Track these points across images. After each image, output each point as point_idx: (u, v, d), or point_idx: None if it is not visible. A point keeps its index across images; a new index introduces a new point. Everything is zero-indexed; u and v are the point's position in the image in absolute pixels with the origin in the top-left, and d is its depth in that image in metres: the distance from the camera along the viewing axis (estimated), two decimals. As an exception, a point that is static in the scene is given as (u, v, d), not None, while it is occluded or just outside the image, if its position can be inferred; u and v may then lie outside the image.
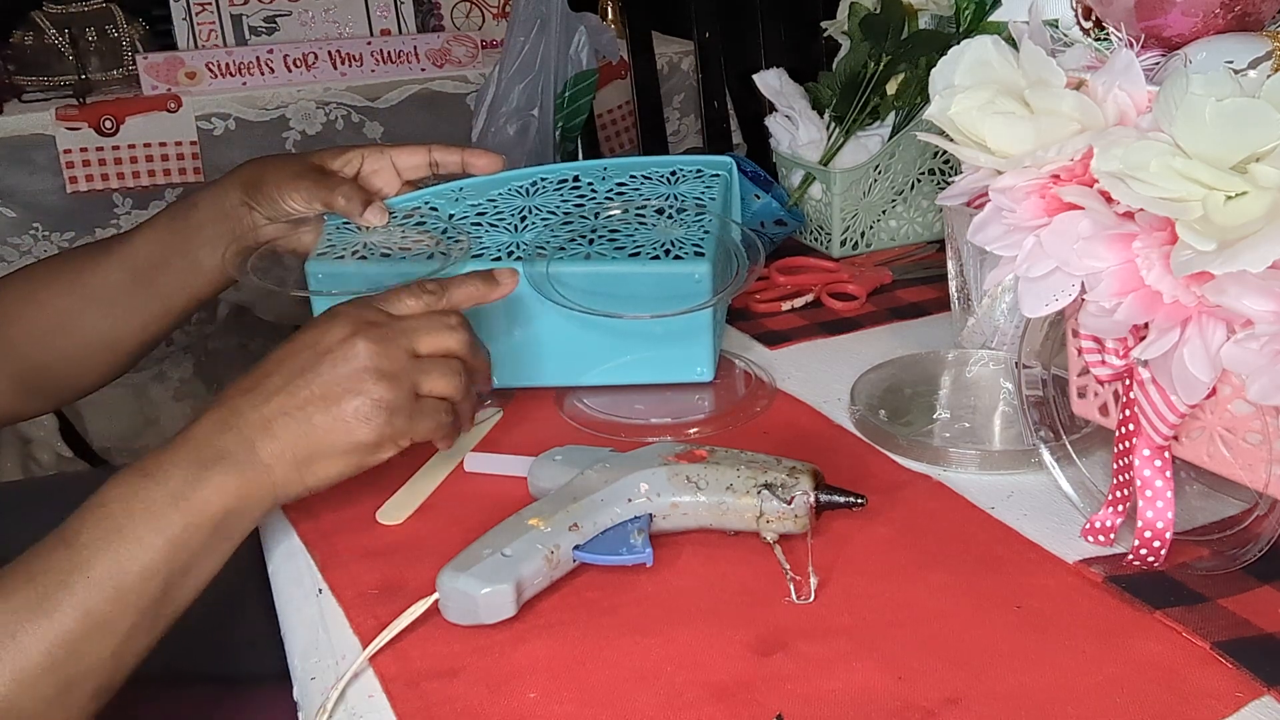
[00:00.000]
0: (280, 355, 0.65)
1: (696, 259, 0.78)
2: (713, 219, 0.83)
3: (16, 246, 1.85)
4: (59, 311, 0.83)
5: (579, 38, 1.71)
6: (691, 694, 0.54)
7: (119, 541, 0.57)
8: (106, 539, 0.57)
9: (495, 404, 0.83)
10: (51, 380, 0.84)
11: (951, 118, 0.63)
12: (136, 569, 0.57)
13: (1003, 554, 0.65)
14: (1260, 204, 0.51)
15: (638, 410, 0.82)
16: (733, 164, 0.91)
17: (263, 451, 0.62)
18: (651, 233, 0.82)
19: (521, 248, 0.81)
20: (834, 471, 0.66)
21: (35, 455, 1.89)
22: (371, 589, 0.64)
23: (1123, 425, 0.63)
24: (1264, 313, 0.51)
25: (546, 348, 0.82)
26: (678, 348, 0.82)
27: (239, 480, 0.61)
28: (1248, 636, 0.56)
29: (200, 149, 1.90)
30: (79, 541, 0.57)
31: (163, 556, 0.58)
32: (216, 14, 1.99)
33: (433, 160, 0.88)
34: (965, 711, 0.53)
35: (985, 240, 0.62)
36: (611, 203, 0.86)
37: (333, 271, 0.80)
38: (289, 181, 0.82)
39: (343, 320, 0.66)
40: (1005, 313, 0.86)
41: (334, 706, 0.55)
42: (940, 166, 1.11)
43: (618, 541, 0.63)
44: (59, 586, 0.55)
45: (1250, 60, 0.62)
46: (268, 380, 0.64)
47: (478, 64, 2.08)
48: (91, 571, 0.56)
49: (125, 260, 0.83)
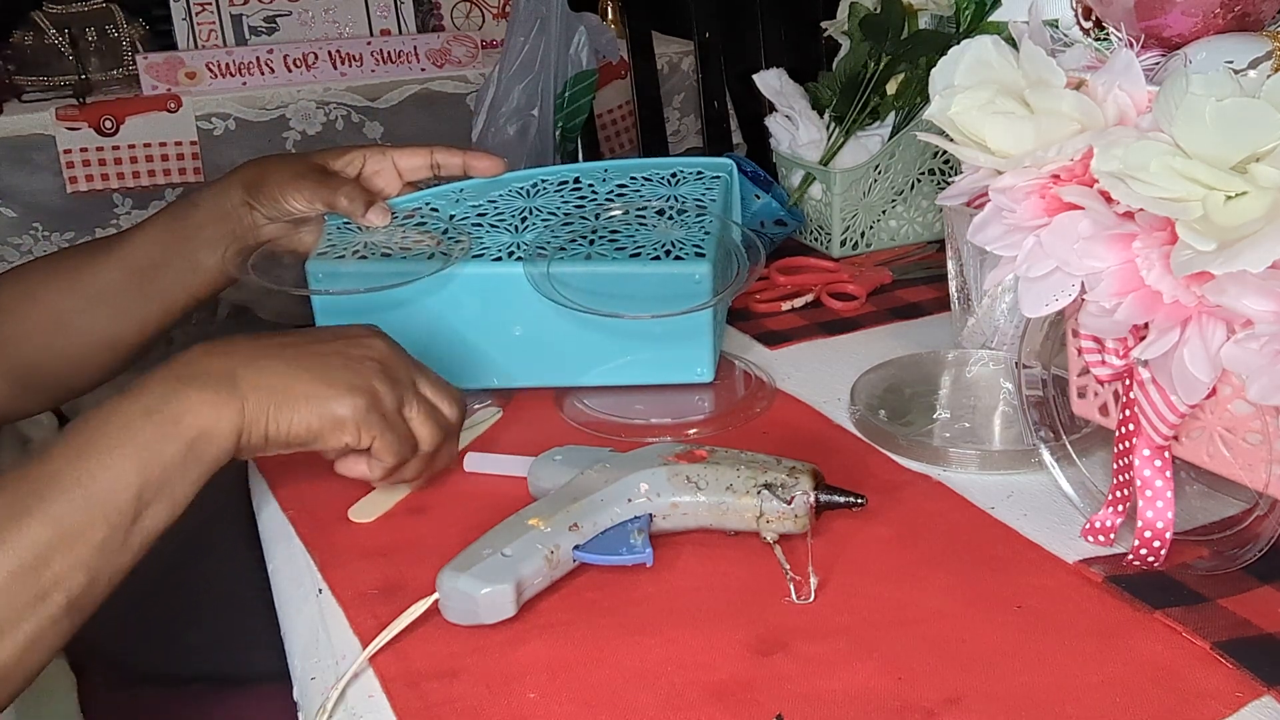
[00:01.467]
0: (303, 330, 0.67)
1: (697, 259, 0.78)
2: (713, 220, 0.83)
3: (16, 246, 1.85)
4: (57, 309, 0.82)
5: (579, 38, 1.71)
6: (692, 694, 0.54)
7: (90, 452, 0.58)
8: (79, 450, 0.58)
9: (495, 403, 0.83)
10: (48, 378, 0.84)
11: (951, 118, 0.63)
12: (107, 478, 0.57)
13: (1003, 554, 0.65)
14: (1260, 204, 0.51)
15: (637, 410, 0.82)
16: (733, 166, 0.91)
17: (242, 381, 0.62)
18: (652, 233, 0.82)
19: (522, 248, 0.81)
20: (834, 471, 0.66)
21: (35, 455, 1.88)
22: (371, 589, 0.64)
23: (1123, 425, 0.63)
24: (1264, 313, 0.51)
25: (547, 348, 0.81)
26: (678, 348, 0.82)
27: (212, 398, 0.61)
28: (1248, 636, 0.56)
29: (200, 149, 1.90)
30: (52, 454, 0.57)
31: (133, 466, 0.58)
32: (216, 14, 1.99)
33: (434, 162, 0.88)
34: (966, 711, 0.53)
35: (985, 240, 0.62)
36: (612, 204, 0.86)
37: (333, 271, 0.80)
38: (291, 182, 0.82)
39: (373, 329, 0.70)
40: (1005, 313, 0.86)
41: (334, 707, 0.55)
42: (940, 166, 1.11)
43: (618, 541, 0.63)
44: (30, 495, 0.56)
45: (1250, 60, 0.62)
46: (279, 335, 0.66)
47: (478, 64, 2.08)
48: (62, 479, 0.56)
49: (124, 259, 0.83)
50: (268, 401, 0.63)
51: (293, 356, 0.64)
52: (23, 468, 0.57)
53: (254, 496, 0.76)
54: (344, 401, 0.64)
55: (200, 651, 0.92)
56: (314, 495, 0.73)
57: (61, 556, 0.56)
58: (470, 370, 0.80)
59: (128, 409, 0.59)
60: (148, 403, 0.60)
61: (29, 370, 0.83)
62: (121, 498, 0.58)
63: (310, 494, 0.73)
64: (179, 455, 0.60)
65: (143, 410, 0.59)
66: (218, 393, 0.61)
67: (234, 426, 0.62)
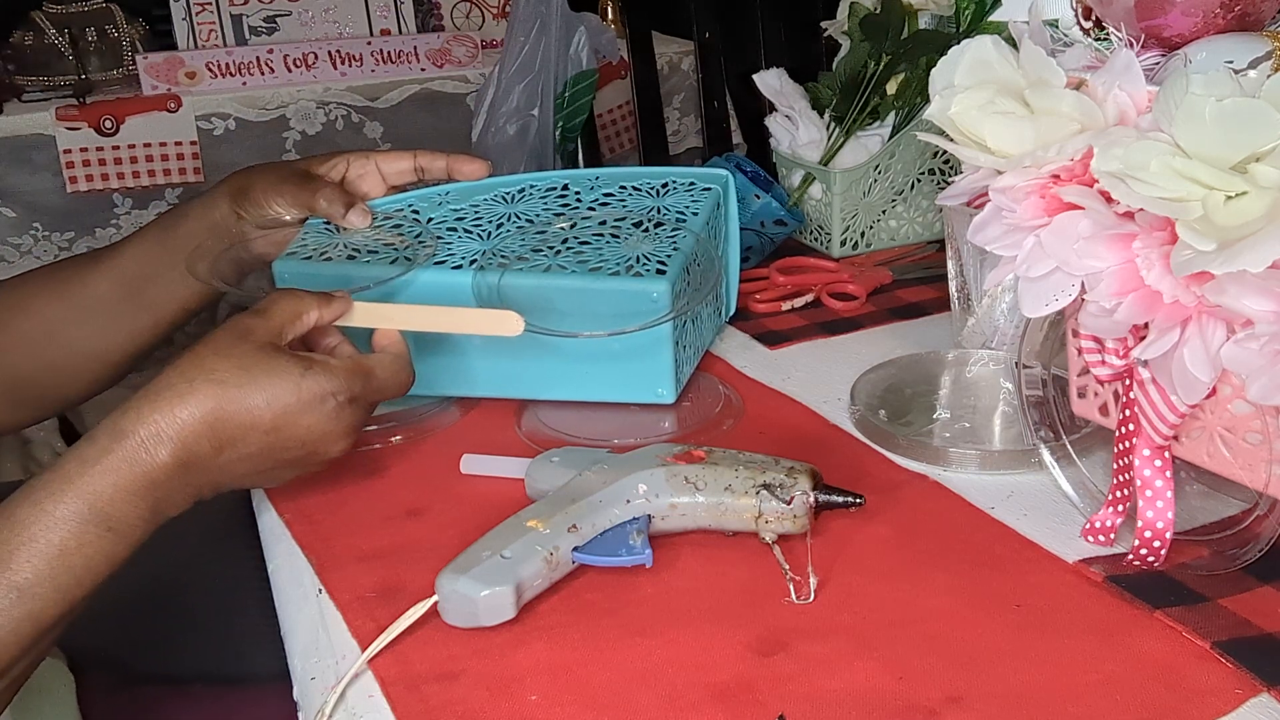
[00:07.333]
0: (293, 416, 0.64)
1: (656, 277, 0.76)
2: (687, 235, 0.80)
3: (16, 246, 1.85)
4: (48, 321, 0.82)
5: (579, 38, 1.72)
6: (692, 695, 0.54)
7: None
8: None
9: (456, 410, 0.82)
10: (39, 391, 0.84)
11: (951, 118, 0.63)
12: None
13: (1002, 553, 0.65)
14: (1260, 204, 0.51)
15: (598, 430, 0.79)
16: (728, 177, 0.88)
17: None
18: (620, 247, 0.79)
19: (484, 255, 0.79)
20: (833, 471, 0.66)
21: (35, 455, 1.89)
22: (369, 591, 0.64)
23: (1123, 425, 0.63)
24: (1264, 313, 0.51)
25: (505, 359, 0.80)
26: (637, 367, 0.79)
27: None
28: (1247, 636, 0.56)
29: (200, 149, 1.90)
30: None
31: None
32: (216, 14, 2.00)
33: (418, 165, 0.88)
34: (966, 710, 0.53)
35: (985, 240, 0.62)
36: (592, 213, 0.84)
37: (299, 271, 0.79)
38: (274, 187, 0.83)
39: (343, 425, 0.66)
40: (1005, 313, 0.86)
41: (334, 707, 0.55)
42: (940, 166, 1.11)
43: (617, 543, 0.63)
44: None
45: (1250, 60, 0.62)
46: (253, 436, 0.63)
47: (478, 64, 2.08)
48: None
49: (114, 271, 0.83)
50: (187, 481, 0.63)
51: (253, 470, 0.64)
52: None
53: (254, 498, 0.76)
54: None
55: (200, 652, 0.92)
56: (310, 499, 0.73)
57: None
58: (429, 378, 0.78)
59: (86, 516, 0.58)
60: (107, 512, 0.59)
61: (20, 382, 0.83)
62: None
63: (306, 498, 0.73)
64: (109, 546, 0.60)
65: (103, 522, 0.58)
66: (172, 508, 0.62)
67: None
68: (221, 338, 0.64)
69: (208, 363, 0.62)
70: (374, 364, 0.68)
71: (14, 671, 0.57)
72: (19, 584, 0.56)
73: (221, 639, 0.92)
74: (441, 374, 0.80)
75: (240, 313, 0.67)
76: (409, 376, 0.70)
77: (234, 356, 0.63)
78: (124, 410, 0.61)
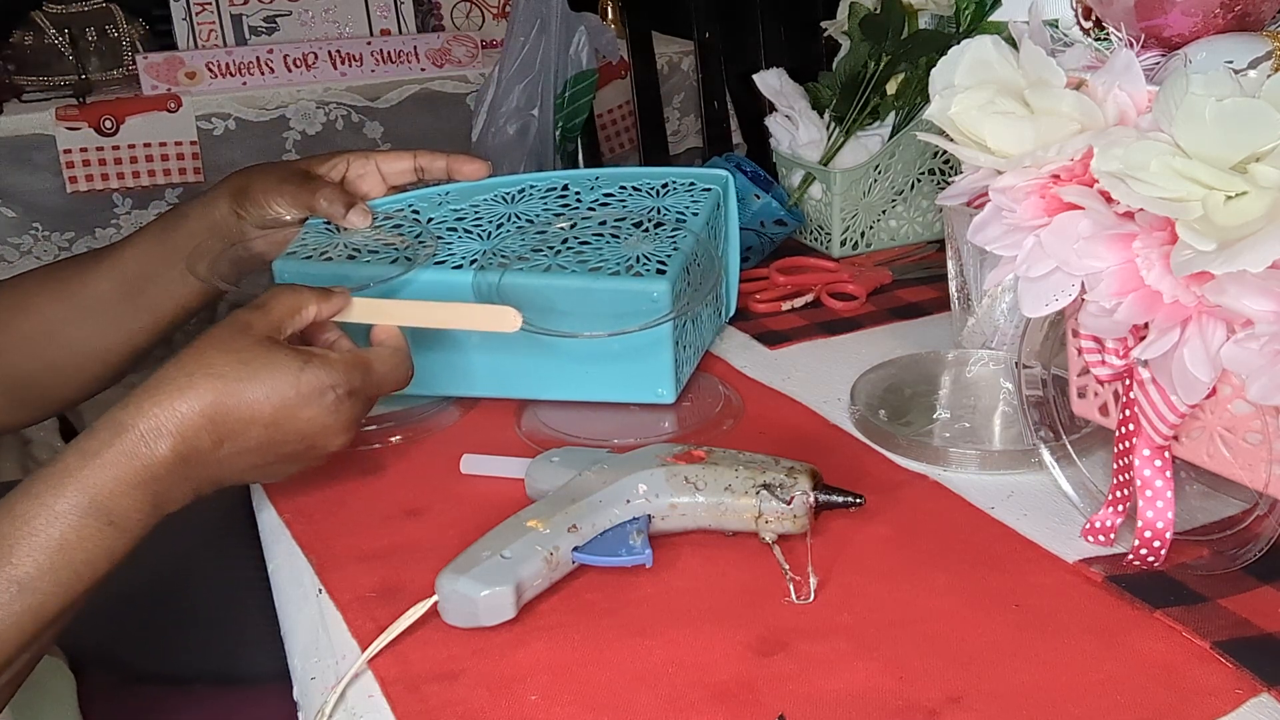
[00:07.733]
0: (289, 412, 0.63)
1: (657, 277, 0.76)
2: (687, 235, 0.80)
3: (16, 246, 1.85)
4: (48, 320, 0.82)
5: (579, 38, 1.72)
6: (693, 695, 0.54)
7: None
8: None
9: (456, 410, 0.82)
10: (38, 390, 0.84)
11: (951, 118, 0.63)
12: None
13: (1002, 554, 0.65)
14: (1260, 204, 0.51)
15: (598, 430, 0.79)
16: (728, 178, 0.88)
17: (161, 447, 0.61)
18: (620, 247, 0.79)
19: (485, 255, 0.79)
20: (833, 471, 0.66)
21: (35, 455, 1.89)
22: (369, 591, 0.64)
23: (1123, 425, 0.63)
24: (1264, 313, 0.51)
25: (504, 359, 0.80)
26: (638, 367, 0.79)
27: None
28: (1247, 636, 0.56)
29: (200, 149, 1.90)
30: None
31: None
32: (216, 14, 2.00)
33: (418, 165, 0.88)
34: (966, 710, 0.53)
35: (985, 240, 0.62)
36: (592, 213, 0.84)
37: (299, 271, 0.79)
38: (274, 187, 0.83)
39: (342, 419, 0.66)
40: (1005, 313, 0.86)
41: (334, 707, 0.55)
42: (940, 166, 1.11)
43: (617, 543, 0.63)
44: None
45: (1250, 60, 0.62)
46: (251, 430, 0.63)
47: (478, 64, 2.08)
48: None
49: (114, 271, 0.83)
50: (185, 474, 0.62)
51: (253, 465, 0.64)
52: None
53: (253, 497, 0.76)
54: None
55: (200, 651, 0.92)
56: (310, 499, 0.73)
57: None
58: (429, 378, 0.78)
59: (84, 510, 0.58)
60: (108, 505, 0.58)
61: (20, 382, 0.83)
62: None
63: (306, 497, 0.73)
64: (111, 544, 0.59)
65: (103, 515, 0.58)
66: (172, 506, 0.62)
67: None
68: (220, 332, 0.64)
69: (207, 357, 0.62)
70: (373, 357, 0.68)
71: (15, 666, 0.57)
72: (20, 578, 0.56)
73: (221, 638, 0.92)
74: (441, 374, 0.80)
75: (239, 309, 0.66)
76: (408, 370, 0.70)
77: (233, 351, 0.63)
78: (124, 404, 0.60)
